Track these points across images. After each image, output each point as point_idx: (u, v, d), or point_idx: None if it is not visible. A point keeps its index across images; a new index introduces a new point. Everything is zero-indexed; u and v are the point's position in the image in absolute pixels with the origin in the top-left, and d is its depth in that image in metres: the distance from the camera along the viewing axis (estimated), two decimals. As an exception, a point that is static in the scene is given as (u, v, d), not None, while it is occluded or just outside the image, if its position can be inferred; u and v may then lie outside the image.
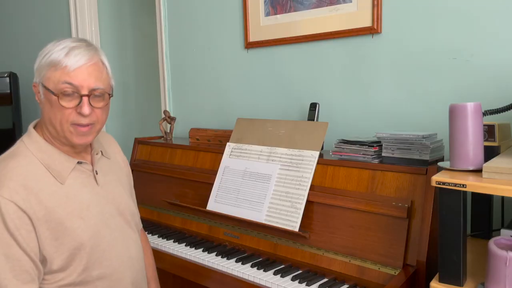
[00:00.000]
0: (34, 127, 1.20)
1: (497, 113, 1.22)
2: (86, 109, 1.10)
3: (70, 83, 1.09)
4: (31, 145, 1.14)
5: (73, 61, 1.09)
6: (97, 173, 1.22)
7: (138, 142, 2.34)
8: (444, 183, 1.07)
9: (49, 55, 1.10)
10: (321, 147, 1.64)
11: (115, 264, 1.19)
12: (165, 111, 2.43)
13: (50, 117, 1.12)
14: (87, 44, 1.15)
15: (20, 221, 1.04)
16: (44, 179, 1.10)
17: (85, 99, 1.10)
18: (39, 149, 1.13)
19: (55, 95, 1.09)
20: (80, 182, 1.17)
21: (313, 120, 1.87)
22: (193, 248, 1.72)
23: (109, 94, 1.18)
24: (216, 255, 1.64)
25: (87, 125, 1.13)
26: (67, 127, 1.11)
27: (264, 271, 1.50)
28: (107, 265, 1.17)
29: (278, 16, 2.09)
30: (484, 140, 1.19)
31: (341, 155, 1.60)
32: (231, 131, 1.94)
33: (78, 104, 1.10)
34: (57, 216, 1.09)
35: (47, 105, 1.12)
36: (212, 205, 1.82)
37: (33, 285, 1.05)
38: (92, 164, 1.22)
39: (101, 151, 1.28)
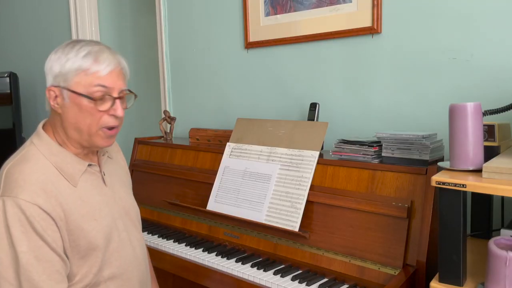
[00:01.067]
0: (43, 128, 1.19)
1: (497, 113, 1.22)
2: (120, 111, 1.13)
3: (103, 86, 1.10)
4: (42, 148, 1.13)
5: (103, 65, 1.10)
6: (104, 174, 1.24)
7: (138, 142, 2.34)
8: (444, 183, 1.07)
9: (74, 61, 1.09)
10: (321, 147, 1.64)
11: (123, 264, 1.20)
12: (165, 111, 2.43)
13: (76, 121, 1.11)
14: (106, 47, 1.16)
15: (45, 223, 1.04)
16: (59, 182, 1.11)
17: (117, 101, 1.13)
18: (51, 152, 1.13)
19: (91, 98, 1.09)
20: (90, 184, 1.18)
21: (313, 120, 1.87)
22: (193, 248, 1.72)
23: (135, 95, 1.20)
24: (216, 255, 1.64)
25: (115, 127, 1.15)
26: (96, 130, 1.12)
27: (264, 271, 1.50)
28: (117, 265, 1.18)
29: (278, 16, 2.09)
30: (484, 140, 1.19)
31: (341, 155, 1.60)
32: (231, 131, 1.94)
33: (111, 107, 1.12)
34: (74, 219, 1.10)
35: (73, 109, 1.11)
36: (212, 205, 1.82)
37: (64, 284, 1.07)
38: (99, 165, 1.24)
39: (106, 152, 1.29)
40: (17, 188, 1.04)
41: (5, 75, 3.17)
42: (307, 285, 1.40)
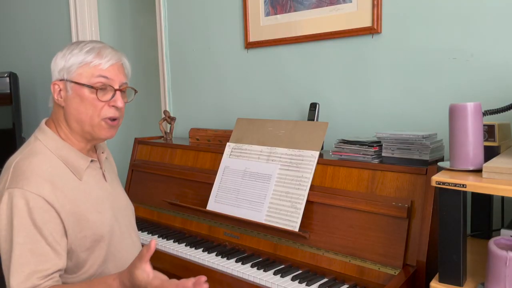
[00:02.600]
0: (46, 125, 1.22)
1: (497, 113, 1.22)
2: (120, 102, 1.18)
3: (105, 77, 1.16)
4: (48, 143, 1.16)
5: (105, 59, 1.16)
6: (104, 171, 1.29)
7: (138, 142, 2.34)
8: (444, 183, 1.07)
9: (78, 55, 1.14)
10: (321, 147, 1.64)
11: (126, 257, 1.25)
12: (165, 111, 2.43)
13: (78, 113, 1.15)
14: (109, 45, 1.22)
15: (48, 215, 1.07)
16: (65, 175, 1.15)
17: (118, 92, 1.18)
18: (57, 147, 1.17)
19: (93, 87, 1.14)
20: (93, 178, 1.23)
21: (313, 120, 1.87)
22: (193, 248, 1.72)
23: (135, 91, 1.26)
24: (216, 255, 1.64)
25: (116, 118, 1.20)
26: (98, 121, 1.17)
27: (264, 271, 1.50)
28: (120, 257, 1.24)
29: (278, 16, 2.09)
30: (484, 140, 1.19)
31: (341, 155, 1.60)
32: (231, 131, 1.94)
33: (111, 98, 1.16)
34: (79, 210, 1.14)
35: (75, 100, 1.15)
36: (212, 205, 1.82)
37: (51, 281, 1.08)
38: (99, 162, 1.29)
39: (104, 150, 1.35)
40: (23, 180, 1.07)
41: (5, 75, 3.17)
42: (307, 285, 1.40)
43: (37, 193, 1.06)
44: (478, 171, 1.09)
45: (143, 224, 2.03)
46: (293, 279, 1.44)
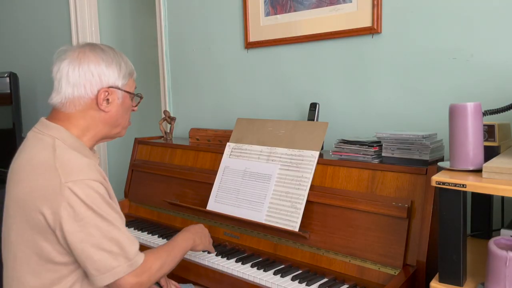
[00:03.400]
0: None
1: (497, 113, 1.22)
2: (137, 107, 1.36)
3: (136, 87, 1.33)
4: (67, 142, 1.18)
5: (134, 71, 1.32)
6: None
7: (138, 142, 2.34)
8: (444, 183, 1.07)
9: (126, 66, 1.27)
10: (321, 147, 1.64)
11: None
12: (165, 111, 2.43)
13: (119, 117, 1.27)
14: None
15: (108, 197, 1.16)
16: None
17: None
18: (76, 146, 1.19)
19: (141, 97, 1.34)
20: None
21: (313, 120, 1.87)
22: (193, 248, 1.72)
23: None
24: (216, 255, 1.64)
25: None
26: (127, 124, 1.33)
27: (264, 271, 1.50)
28: None
29: (278, 16, 2.09)
30: (484, 140, 1.19)
31: (341, 155, 1.60)
32: (231, 131, 1.94)
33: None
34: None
35: (122, 107, 1.26)
36: (212, 205, 1.82)
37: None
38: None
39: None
40: (79, 172, 1.11)
41: (5, 75, 3.17)
42: (307, 285, 1.40)
43: (97, 180, 1.12)
44: (478, 171, 1.09)
45: (143, 224, 2.03)
46: (293, 279, 1.44)
